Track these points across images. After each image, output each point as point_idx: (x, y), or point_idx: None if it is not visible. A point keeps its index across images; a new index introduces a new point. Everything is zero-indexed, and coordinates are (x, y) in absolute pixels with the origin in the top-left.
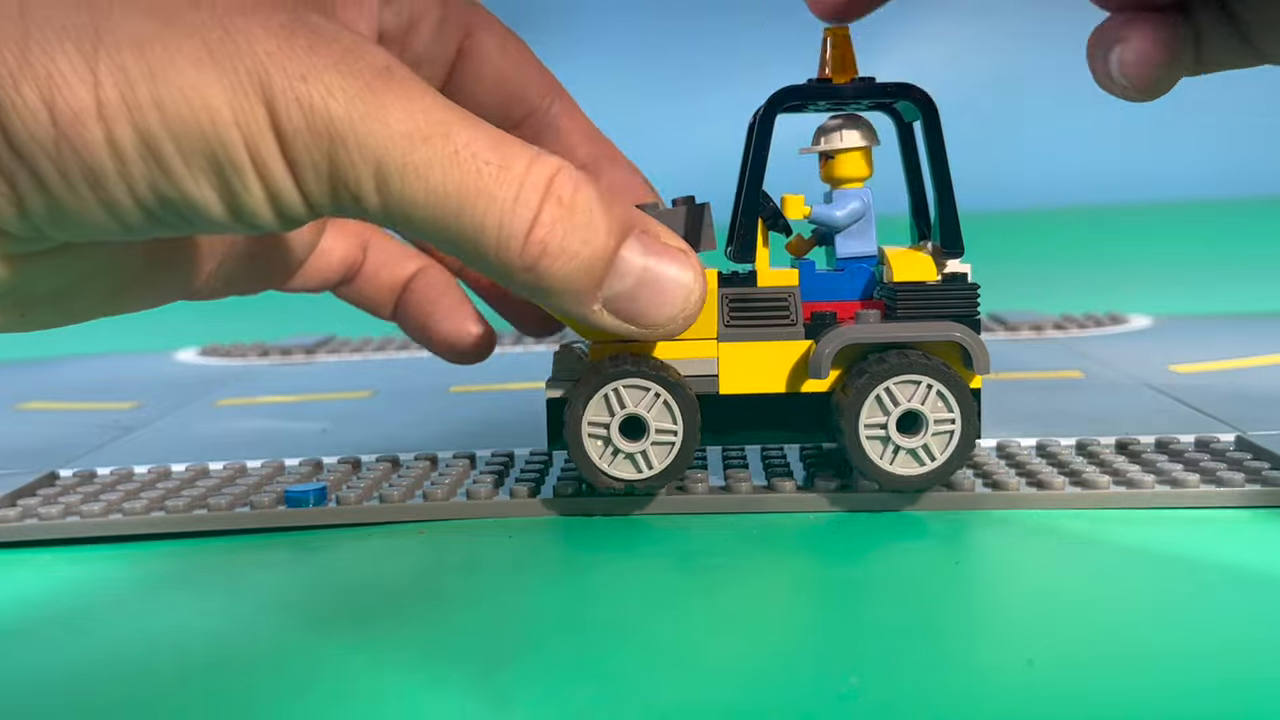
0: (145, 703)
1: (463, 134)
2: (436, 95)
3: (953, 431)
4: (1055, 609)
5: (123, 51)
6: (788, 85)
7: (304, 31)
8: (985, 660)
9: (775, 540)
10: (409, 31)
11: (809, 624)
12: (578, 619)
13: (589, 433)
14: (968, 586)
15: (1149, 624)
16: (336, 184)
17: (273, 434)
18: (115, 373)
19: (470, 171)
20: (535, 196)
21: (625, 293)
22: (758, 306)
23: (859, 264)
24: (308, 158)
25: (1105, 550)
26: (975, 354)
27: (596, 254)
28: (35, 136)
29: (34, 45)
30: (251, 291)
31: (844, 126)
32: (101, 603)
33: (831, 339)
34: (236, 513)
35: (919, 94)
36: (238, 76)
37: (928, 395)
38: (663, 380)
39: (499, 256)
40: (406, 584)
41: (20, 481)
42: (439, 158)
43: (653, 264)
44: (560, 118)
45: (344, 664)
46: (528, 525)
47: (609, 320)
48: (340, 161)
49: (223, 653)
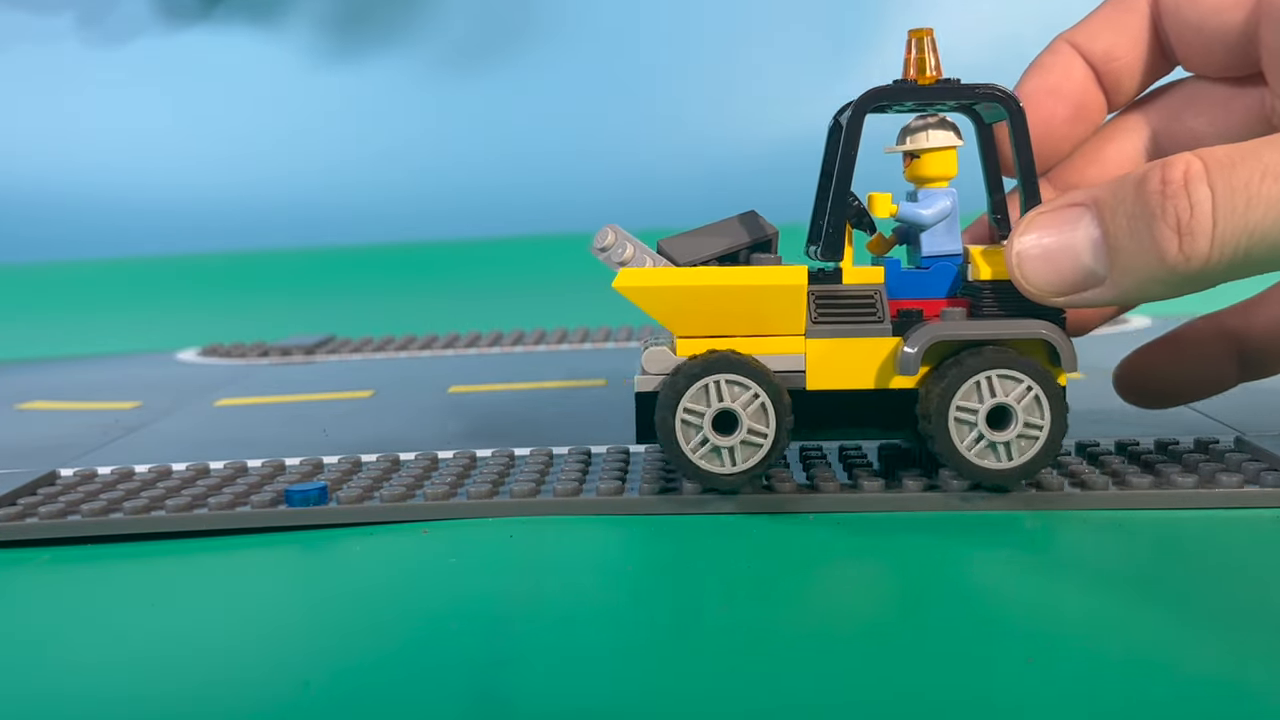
0: (145, 702)
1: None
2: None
3: (1039, 437)
4: (1054, 609)
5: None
6: (876, 86)
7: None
8: (983, 660)
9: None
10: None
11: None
12: (579, 619)
13: (683, 419)
14: (968, 587)
15: (1149, 624)
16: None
17: (273, 434)
18: (115, 373)
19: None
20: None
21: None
22: (845, 303)
23: (944, 262)
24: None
25: (1105, 551)
26: (1063, 351)
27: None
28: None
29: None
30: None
31: (930, 126)
32: (101, 602)
33: (921, 335)
34: (236, 512)
35: (1005, 94)
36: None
37: (1025, 396)
38: (763, 381)
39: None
40: (407, 584)
41: (20, 481)
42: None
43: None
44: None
45: (344, 664)
46: (528, 525)
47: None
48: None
49: (223, 652)
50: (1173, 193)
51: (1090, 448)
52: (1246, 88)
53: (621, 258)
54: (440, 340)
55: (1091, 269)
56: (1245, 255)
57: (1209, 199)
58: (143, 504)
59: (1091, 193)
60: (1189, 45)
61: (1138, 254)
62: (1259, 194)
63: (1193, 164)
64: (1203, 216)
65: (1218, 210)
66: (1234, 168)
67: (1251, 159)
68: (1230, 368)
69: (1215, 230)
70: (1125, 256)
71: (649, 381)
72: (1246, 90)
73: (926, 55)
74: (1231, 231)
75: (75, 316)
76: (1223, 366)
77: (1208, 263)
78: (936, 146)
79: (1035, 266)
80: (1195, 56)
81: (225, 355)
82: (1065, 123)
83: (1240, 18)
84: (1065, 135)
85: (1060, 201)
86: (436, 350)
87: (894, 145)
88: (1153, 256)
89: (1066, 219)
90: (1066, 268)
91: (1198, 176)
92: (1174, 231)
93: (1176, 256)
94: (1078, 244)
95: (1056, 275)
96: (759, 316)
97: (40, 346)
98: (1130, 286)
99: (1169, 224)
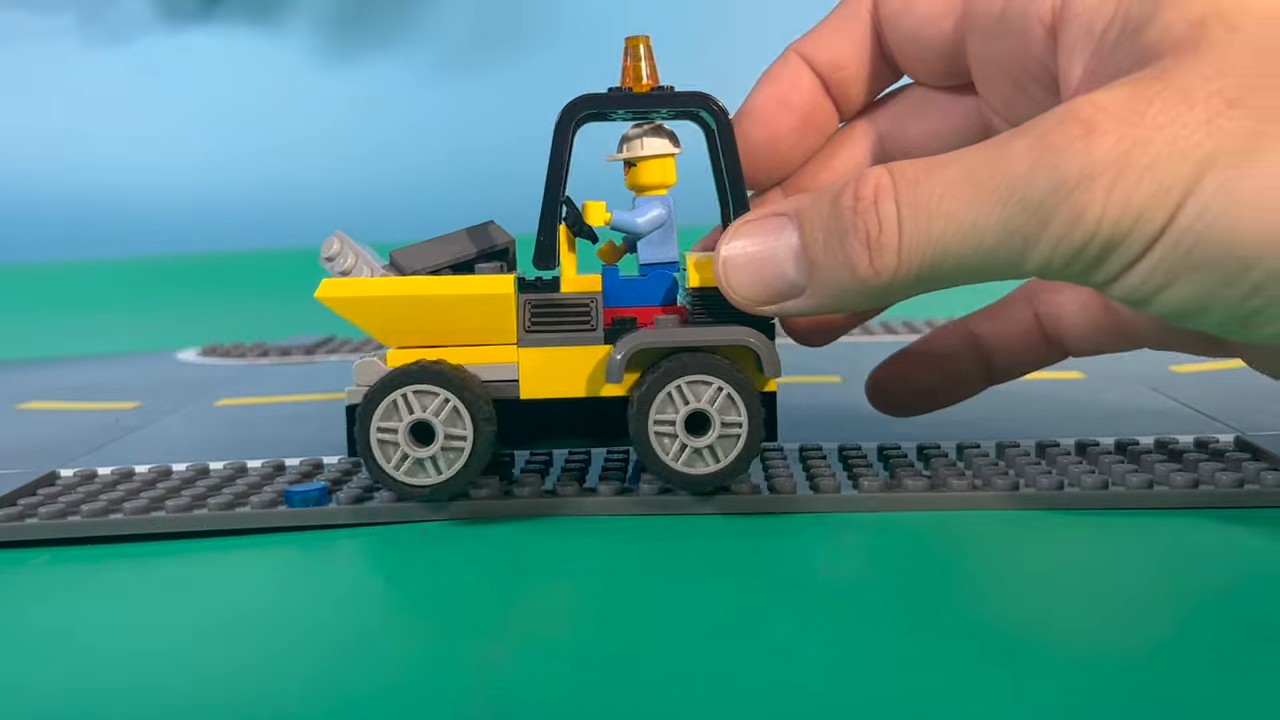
0: (145, 702)
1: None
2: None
3: (739, 434)
4: (1053, 610)
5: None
6: (585, 94)
7: None
8: (982, 660)
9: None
10: None
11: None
12: (579, 618)
13: (379, 439)
14: (966, 587)
15: (1148, 626)
16: None
17: (273, 434)
18: (115, 373)
19: None
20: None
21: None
22: (559, 312)
23: (661, 270)
24: None
25: (1105, 551)
26: (765, 358)
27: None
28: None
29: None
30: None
31: (646, 134)
32: (102, 602)
33: (625, 343)
34: (236, 513)
35: (713, 103)
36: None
37: (717, 397)
38: (451, 384)
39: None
40: (407, 584)
41: (20, 481)
42: None
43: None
44: None
45: (344, 663)
46: (528, 525)
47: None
48: None
49: (223, 652)
50: (863, 209)
51: (1090, 447)
52: (965, 96)
53: (343, 267)
54: None
55: (793, 279)
56: (931, 269)
57: (895, 214)
58: (143, 504)
59: (794, 203)
60: (907, 55)
61: (832, 267)
62: (938, 210)
63: (882, 179)
64: (889, 232)
65: (903, 226)
66: (918, 184)
67: (936, 174)
68: (978, 374)
69: (901, 245)
70: (821, 269)
71: (359, 394)
72: (965, 99)
73: (641, 63)
74: (916, 246)
75: (75, 316)
76: (972, 374)
77: (895, 276)
78: (651, 154)
79: (740, 275)
80: (915, 65)
81: (225, 355)
82: (793, 132)
83: (950, 27)
84: (794, 145)
85: (766, 210)
86: None
87: (614, 154)
88: (846, 270)
89: (770, 228)
90: (770, 276)
91: (886, 192)
92: (864, 246)
93: (867, 270)
94: (780, 253)
95: (760, 284)
96: (469, 326)
97: (40, 346)
98: (827, 297)
99: (859, 239)
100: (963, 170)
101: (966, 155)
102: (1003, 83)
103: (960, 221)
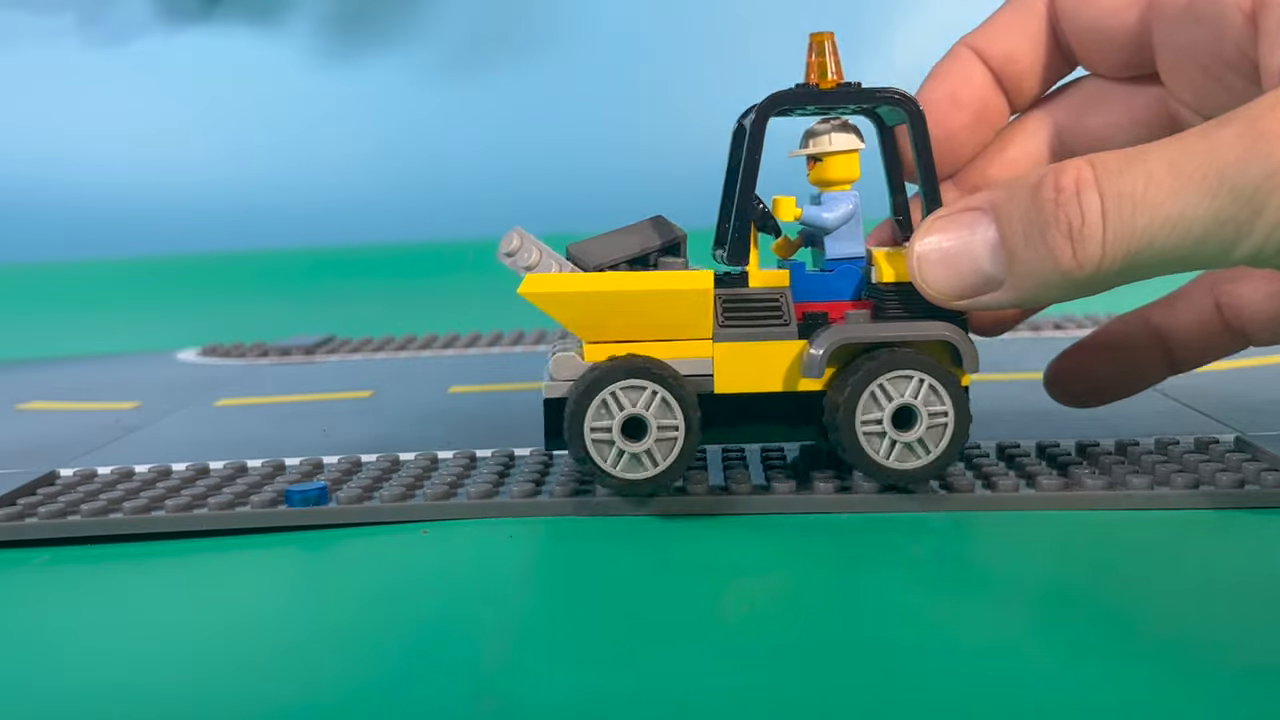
0: (145, 702)
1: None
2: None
3: (946, 424)
4: (1052, 611)
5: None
6: (777, 90)
7: None
8: (981, 659)
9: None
10: None
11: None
12: (580, 618)
13: (593, 439)
14: (966, 587)
15: (1147, 626)
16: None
17: (273, 434)
18: (115, 373)
19: None
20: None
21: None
22: (751, 306)
23: (848, 265)
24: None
25: (1104, 552)
26: (965, 352)
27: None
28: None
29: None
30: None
31: (833, 130)
32: (102, 602)
33: (825, 338)
34: (236, 513)
35: (905, 98)
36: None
37: (920, 389)
38: (659, 378)
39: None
40: (407, 584)
41: (20, 481)
42: None
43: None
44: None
45: (344, 664)
46: (528, 525)
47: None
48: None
49: (223, 652)
50: (1065, 200)
51: (1091, 447)
52: (1147, 87)
53: (528, 262)
54: (440, 340)
55: (990, 273)
56: (1135, 260)
57: (1098, 206)
58: (142, 504)
59: (989, 197)
60: (1087, 46)
61: (1033, 259)
62: (1144, 200)
63: (1083, 170)
64: (1093, 224)
65: (1107, 218)
66: (1121, 174)
67: (1138, 165)
68: (1159, 365)
69: (1106, 236)
70: (1021, 262)
71: (557, 388)
72: (1147, 89)
73: (827, 59)
74: (1121, 238)
75: (75, 316)
76: (1152, 365)
77: (1099, 268)
78: (838, 150)
79: (935, 270)
80: (1094, 57)
81: (225, 355)
82: (965, 128)
83: (1135, 17)
84: (966, 140)
85: (960, 205)
86: (436, 350)
87: (797, 149)
88: (1048, 262)
89: (965, 223)
90: (965, 271)
91: (1088, 184)
92: (1066, 238)
93: (1070, 263)
94: (976, 248)
95: (956, 278)
96: (666, 321)
97: (40, 346)
98: (1027, 290)
99: (1061, 231)
100: (1165, 161)
101: (1166, 145)
102: (1193, 72)
103: (1166, 212)
